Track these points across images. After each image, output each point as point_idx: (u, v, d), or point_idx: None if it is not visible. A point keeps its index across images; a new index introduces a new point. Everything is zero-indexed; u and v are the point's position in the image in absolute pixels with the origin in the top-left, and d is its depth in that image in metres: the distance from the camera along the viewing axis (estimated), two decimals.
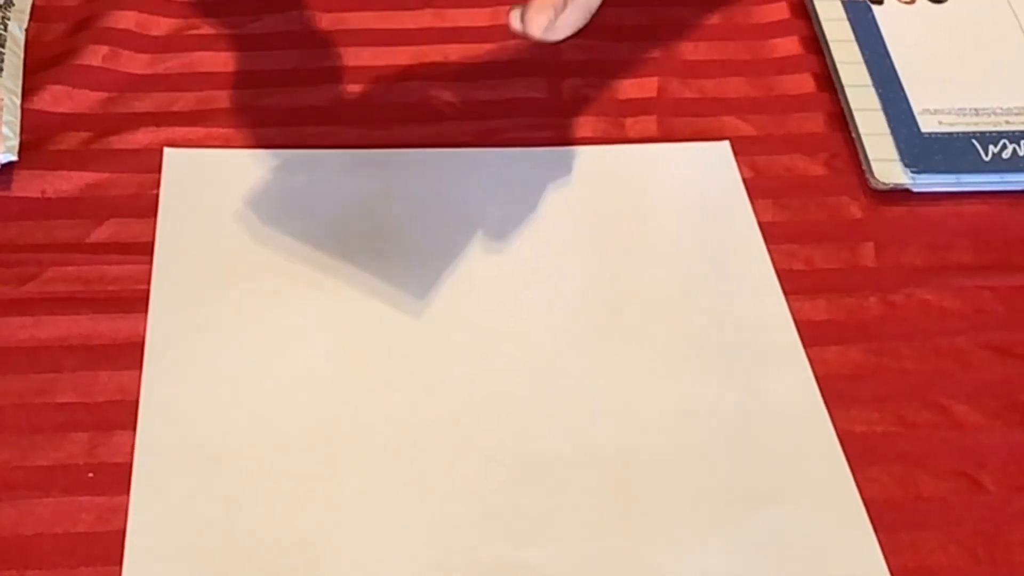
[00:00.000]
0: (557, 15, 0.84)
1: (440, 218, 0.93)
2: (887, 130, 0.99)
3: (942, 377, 0.86)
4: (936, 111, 1.00)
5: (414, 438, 0.81)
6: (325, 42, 1.05)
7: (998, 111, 1.00)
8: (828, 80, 1.03)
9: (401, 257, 0.90)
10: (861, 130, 0.99)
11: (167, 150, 0.96)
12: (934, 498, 0.80)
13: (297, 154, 0.97)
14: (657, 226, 0.94)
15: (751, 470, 0.81)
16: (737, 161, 0.98)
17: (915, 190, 0.96)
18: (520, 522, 0.78)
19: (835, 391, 0.85)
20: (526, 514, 0.78)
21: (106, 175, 0.95)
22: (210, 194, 0.93)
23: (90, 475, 0.79)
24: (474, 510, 0.78)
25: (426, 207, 0.93)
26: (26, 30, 1.04)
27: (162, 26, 1.05)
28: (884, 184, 0.96)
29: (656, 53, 1.05)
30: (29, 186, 0.94)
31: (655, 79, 1.03)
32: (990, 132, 0.98)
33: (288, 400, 0.83)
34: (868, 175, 0.97)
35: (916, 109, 1.00)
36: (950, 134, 0.98)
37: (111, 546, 0.75)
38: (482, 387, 0.84)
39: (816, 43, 1.06)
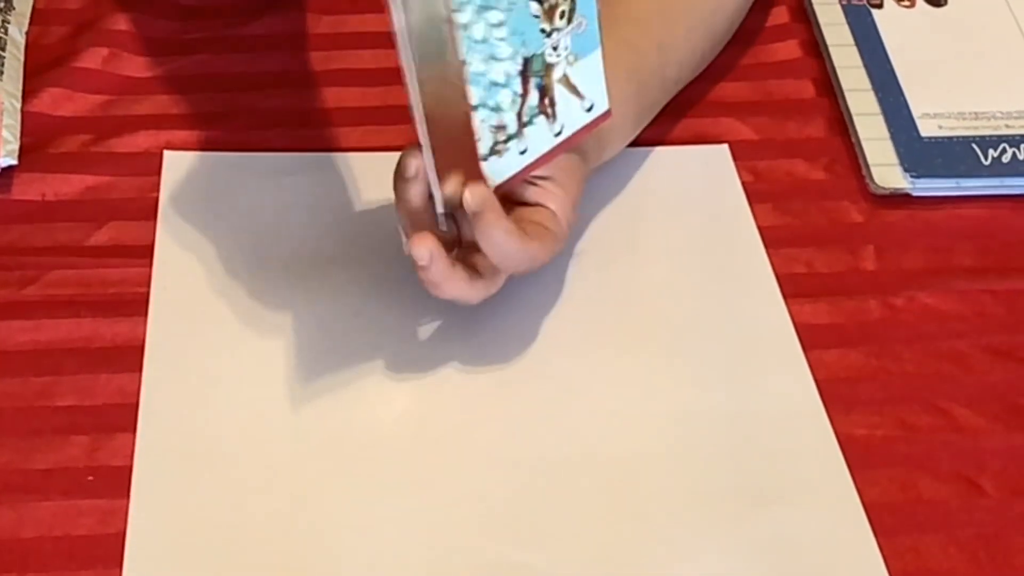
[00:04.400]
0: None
1: None
2: (887, 134, 0.99)
3: (942, 380, 0.86)
4: (936, 115, 1.00)
5: (414, 439, 0.81)
6: (325, 45, 1.05)
7: (998, 115, 1.00)
8: (828, 84, 1.04)
9: (401, 258, 0.90)
10: (861, 135, 0.99)
11: (167, 153, 0.96)
12: (934, 501, 0.80)
13: (297, 157, 0.97)
14: (656, 229, 0.94)
15: (751, 473, 0.81)
16: (737, 165, 0.98)
17: (915, 194, 0.96)
18: (521, 522, 0.78)
19: (835, 394, 0.85)
20: (527, 514, 0.78)
21: (106, 178, 0.95)
22: (210, 197, 0.94)
23: (90, 478, 0.79)
24: (474, 510, 0.78)
25: None
26: (26, 33, 1.04)
27: (162, 29, 1.05)
28: (884, 189, 0.96)
29: None
30: (29, 189, 0.94)
31: None
32: (990, 136, 0.98)
33: (288, 402, 0.83)
34: (868, 180, 0.97)
35: (916, 113, 1.00)
36: (950, 138, 0.98)
37: (111, 549, 0.75)
38: (482, 388, 0.84)
39: (816, 47, 1.06)
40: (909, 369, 0.87)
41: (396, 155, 0.82)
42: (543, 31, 0.80)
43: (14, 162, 0.94)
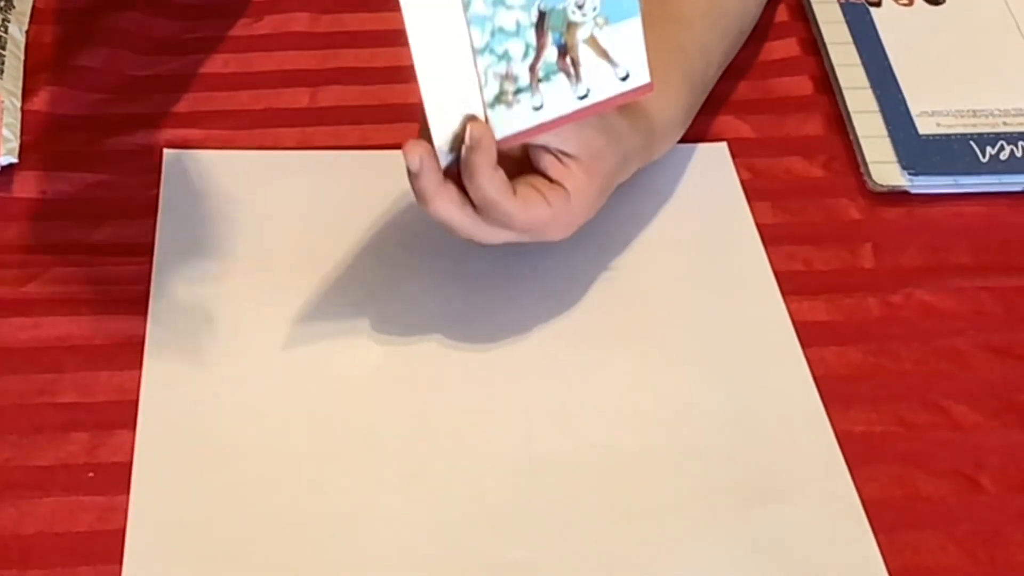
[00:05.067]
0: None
1: None
2: (885, 132, 0.99)
3: (941, 378, 0.86)
4: (934, 113, 1.00)
5: (414, 438, 0.81)
6: (324, 44, 1.05)
7: (996, 112, 1.00)
8: (826, 82, 1.04)
9: (401, 256, 0.90)
10: (859, 132, 0.99)
11: (167, 151, 0.96)
12: (933, 498, 0.80)
13: (297, 155, 0.97)
14: (654, 227, 0.94)
15: (749, 470, 0.81)
16: (736, 163, 0.98)
17: (913, 192, 0.97)
18: (520, 520, 0.78)
19: (834, 391, 0.85)
20: (526, 512, 0.78)
21: (106, 176, 0.95)
22: (209, 195, 0.94)
23: (90, 475, 0.79)
24: (474, 508, 0.78)
25: None
26: (26, 32, 1.04)
27: (161, 28, 1.06)
28: (882, 186, 0.96)
29: None
30: (30, 187, 0.94)
31: None
32: (988, 134, 0.99)
33: (287, 399, 0.83)
34: (866, 177, 0.97)
35: (914, 111, 1.00)
36: (948, 136, 0.99)
37: (111, 545, 0.76)
38: (482, 386, 0.84)
39: (814, 45, 1.06)
40: (907, 366, 0.87)
41: (396, 153, 0.82)
42: None
43: (14, 160, 0.94)
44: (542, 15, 0.79)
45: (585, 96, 0.82)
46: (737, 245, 0.93)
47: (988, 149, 0.98)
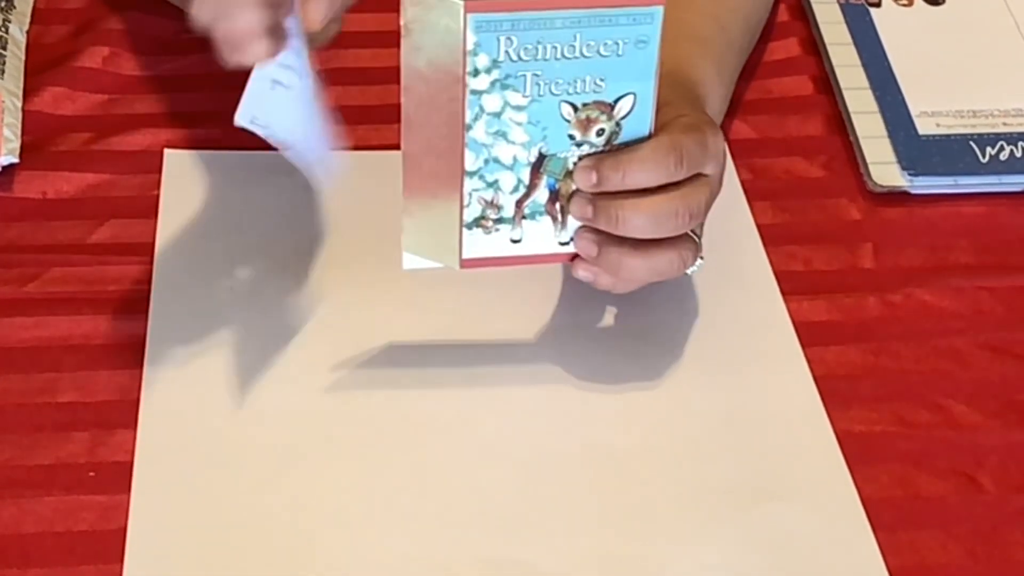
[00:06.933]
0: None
1: None
2: (885, 133, 0.99)
3: (941, 377, 0.86)
4: (934, 113, 1.00)
5: (414, 437, 0.82)
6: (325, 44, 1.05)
7: (995, 113, 1.00)
8: (826, 82, 1.04)
9: (401, 256, 0.90)
10: (859, 133, 0.99)
11: (167, 151, 0.96)
12: (933, 497, 0.80)
13: None
14: None
15: (750, 469, 0.81)
16: (736, 163, 0.98)
17: (913, 192, 0.97)
18: (520, 519, 0.78)
19: (834, 391, 0.85)
20: (526, 512, 0.78)
21: (107, 176, 0.95)
22: (210, 195, 0.94)
23: (91, 474, 0.79)
24: (474, 508, 0.78)
25: None
26: (27, 32, 1.04)
27: (162, 28, 1.06)
28: (882, 187, 0.97)
29: None
30: (30, 187, 0.94)
31: None
32: (987, 134, 0.99)
33: (287, 399, 0.83)
34: (866, 177, 0.97)
35: (914, 112, 1.00)
36: (948, 136, 0.99)
37: (112, 544, 0.76)
38: (482, 385, 0.84)
39: (814, 45, 1.07)
40: (907, 366, 0.87)
41: (396, 153, 0.82)
42: (572, 137, 0.79)
43: (15, 160, 0.94)
44: (542, 157, 0.79)
45: (568, 243, 0.82)
46: (737, 245, 0.93)
47: (988, 149, 0.98)
